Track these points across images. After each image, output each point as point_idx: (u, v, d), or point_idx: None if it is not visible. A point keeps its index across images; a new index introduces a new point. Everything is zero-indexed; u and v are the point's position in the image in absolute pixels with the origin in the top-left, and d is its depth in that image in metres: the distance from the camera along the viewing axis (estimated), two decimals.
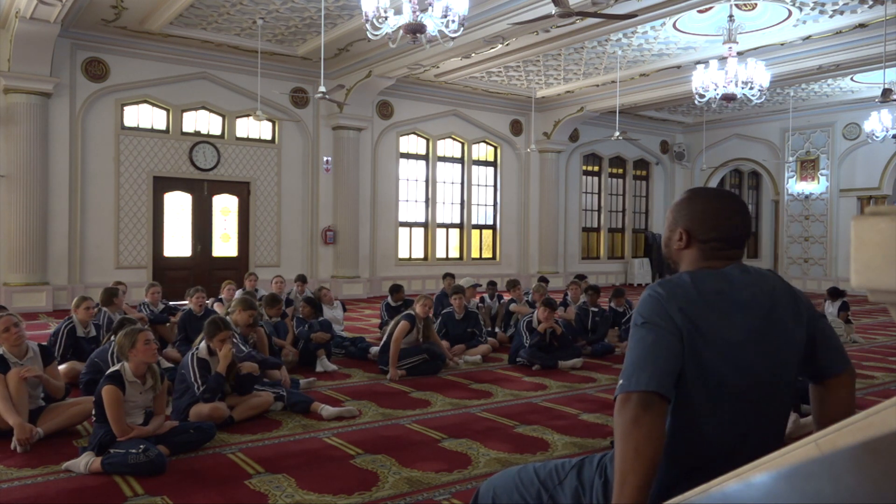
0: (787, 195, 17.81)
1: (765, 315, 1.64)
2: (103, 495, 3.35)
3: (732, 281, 1.66)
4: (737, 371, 1.60)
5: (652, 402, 1.50)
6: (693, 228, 1.73)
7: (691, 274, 1.67)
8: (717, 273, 1.68)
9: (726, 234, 1.72)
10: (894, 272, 0.90)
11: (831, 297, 9.10)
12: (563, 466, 1.87)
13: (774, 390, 1.66)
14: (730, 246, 1.73)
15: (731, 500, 0.71)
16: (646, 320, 1.59)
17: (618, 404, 1.53)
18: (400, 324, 6.46)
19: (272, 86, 12.93)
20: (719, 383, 1.59)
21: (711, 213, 1.73)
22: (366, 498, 3.31)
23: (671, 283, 1.64)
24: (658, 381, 1.51)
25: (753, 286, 1.67)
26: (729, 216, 1.74)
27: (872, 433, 1.08)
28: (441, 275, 11.49)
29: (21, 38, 9.96)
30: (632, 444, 1.46)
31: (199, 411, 4.38)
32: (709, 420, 1.61)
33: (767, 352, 1.63)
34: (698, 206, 1.76)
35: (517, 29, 9.54)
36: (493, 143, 16.70)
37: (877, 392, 5.87)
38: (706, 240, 1.71)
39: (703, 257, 1.72)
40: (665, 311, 1.58)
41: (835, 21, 10.28)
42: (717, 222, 1.72)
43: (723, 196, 1.80)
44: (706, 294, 1.62)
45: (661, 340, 1.56)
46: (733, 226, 1.73)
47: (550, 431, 4.51)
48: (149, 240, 12.19)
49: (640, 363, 1.54)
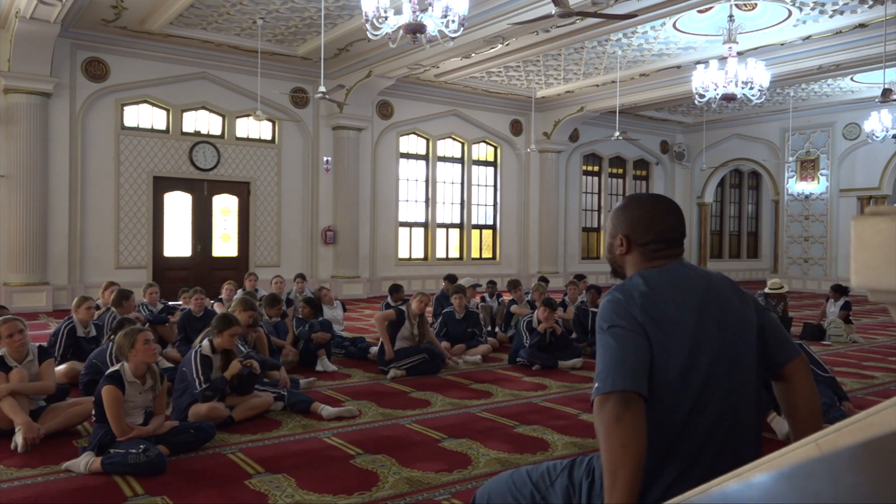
0: (787, 195, 17.81)
1: (714, 301, 1.73)
2: (103, 495, 3.35)
3: (679, 274, 1.77)
4: (701, 355, 1.65)
5: (630, 399, 1.53)
6: (631, 233, 1.83)
7: (640, 274, 1.76)
8: (662, 270, 1.78)
9: (662, 234, 1.81)
10: (894, 272, 0.90)
11: (835, 295, 9.06)
12: (555, 468, 1.91)
13: (740, 370, 1.71)
14: (668, 245, 1.82)
15: (731, 500, 0.71)
16: (611, 324, 1.66)
17: (596, 406, 1.57)
18: (385, 311, 6.55)
19: (272, 86, 12.93)
20: (686, 371, 1.64)
21: (646, 217, 1.83)
22: (366, 498, 3.31)
23: (626, 287, 1.73)
24: (633, 380, 1.56)
25: (698, 278, 1.77)
26: (662, 217, 1.83)
27: (872, 433, 1.08)
28: (441, 275, 11.50)
29: (21, 38, 9.96)
30: (617, 440, 1.49)
31: (197, 411, 4.38)
32: (681, 409, 1.65)
33: (726, 334, 1.70)
34: (634, 211, 1.86)
35: (517, 29, 9.54)
36: (493, 143, 16.70)
37: (877, 392, 5.87)
38: (645, 242, 1.81)
39: (644, 259, 1.82)
40: (627, 312, 1.65)
41: (835, 21, 10.28)
42: (653, 225, 1.81)
43: (656, 200, 1.90)
44: (658, 289, 1.70)
45: (629, 341, 1.62)
46: (668, 226, 1.83)
47: (550, 431, 4.51)
48: (149, 240, 12.19)
49: (612, 365, 1.59)
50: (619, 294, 1.70)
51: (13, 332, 4.24)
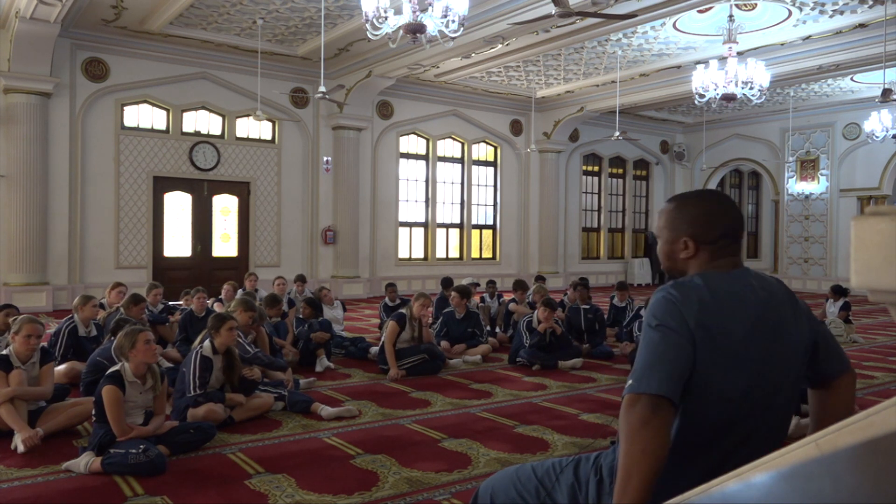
0: (787, 195, 17.81)
1: (772, 318, 1.65)
2: (103, 495, 3.35)
3: (743, 284, 1.67)
4: (745, 373, 1.60)
5: (661, 405, 1.49)
6: (698, 233, 1.72)
7: (703, 276, 1.66)
8: (727, 276, 1.68)
9: (729, 227, 1.72)
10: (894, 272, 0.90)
11: (834, 296, 9.09)
12: (561, 464, 1.88)
13: (780, 392, 1.67)
14: (734, 240, 1.73)
15: (731, 500, 0.71)
16: (660, 322, 1.58)
17: (625, 404, 1.52)
18: (389, 325, 6.50)
19: (272, 86, 12.93)
20: (727, 386, 1.59)
21: (709, 213, 1.74)
22: (366, 498, 3.31)
23: (685, 287, 1.63)
24: (668, 385, 1.51)
25: (761, 290, 1.68)
26: (725, 211, 1.75)
27: (872, 433, 1.08)
28: (441, 275, 11.50)
29: (21, 38, 9.96)
30: (639, 444, 1.46)
31: (194, 413, 4.37)
32: (714, 422, 1.61)
33: (775, 354, 1.64)
34: (694, 210, 1.76)
35: (517, 29, 9.54)
36: (493, 143, 16.70)
37: (877, 392, 5.87)
38: (712, 240, 1.71)
39: (711, 259, 1.71)
40: (680, 314, 1.57)
41: (835, 21, 10.28)
42: (718, 220, 1.72)
43: (712, 193, 1.82)
44: (719, 297, 1.61)
45: (674, 344, 1.55)
46: (733, 218, 1.75)
47: (550, 431, 4.51)
48: (149, 240, 12.19)
49: (651, 365, 1.53)
50: (677, 293, 1.61)
51: (32, 334, 4.24)
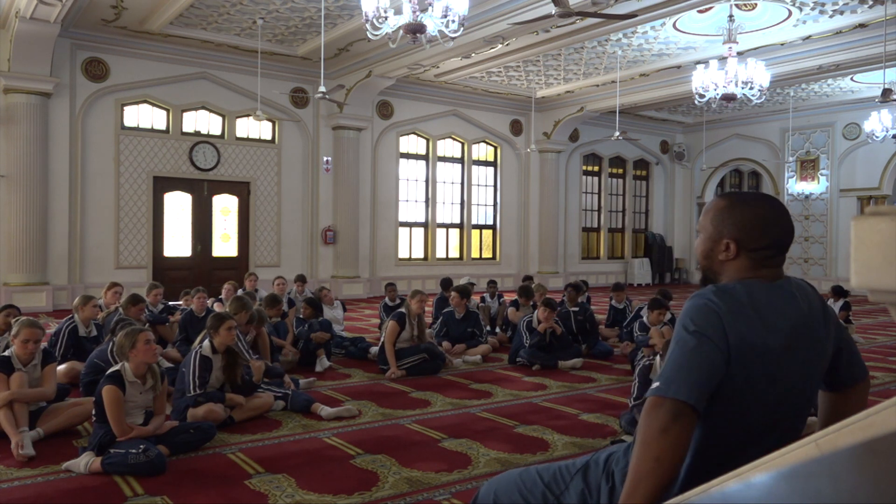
0: (787, 195, 17.80)
1: (809, 332, 1.62)
2: (103, 495, 3.35)
3: (786, 296, 1.61)
4: (778, 387, 1.58)
5: (683, 413, 1.45)
6: (742, 238, 1.63)
7: (745, 286, 1.59)
8: (770, 287, 1.61)
9: (778, 240, 1.64)
10: (894, 272, 0.90)
11: (834, 297, 9.13)
12: (569, 469, 1.83)
13: (802, 402, 1.66)
14: (780, 252, 1.66)
15: (731, 500, 0.70)
16: (697, 329, 1.52)
17: (648, 406, 1.49)
18: (389, 325, 6.49)
19: (272, 86, 12.93)
20: (758, 399, 1.57)
21: (760, 220, 1.64)
22: (366, 498, 3.31)
23: (728, 296, 1.56)
24: (696, 393, 1.47)
25: (802, 302, 1.63)
26: (777, 220, 1.66)
27: (872, 433, 1.08)
28: (441, 275, 11.51)
29: (21, 38, 9.96)
30: (654, 452, 1.43)
31: (194, 413, 4.37)
32: (736, 433, 1.60)
33: (805, 368, 1.62)
34: (745, 213, 1.66)
35: (517, 29, 9.54)
36: (493, 143, 16.70)
37: (877, 392, 5.87)
38: (758, 248, 1.63)
39: (752, 267, 1.63)
40: (721, 325, 1.51)
41: (835, 21, 10.28)
42: (768, 229, 1.63)
43: (768, 201, 1.70)
44: (761, 311, 1.56)
45: (709, 354, 1.50)
46: (784, 231, 1.66)
47: (550, 431, 4.51)
48: (149, 240, 12.19)
49: (681, 370, 1.49)
50: (719, 301, 1.54)
51: (29, 339, 4.23)
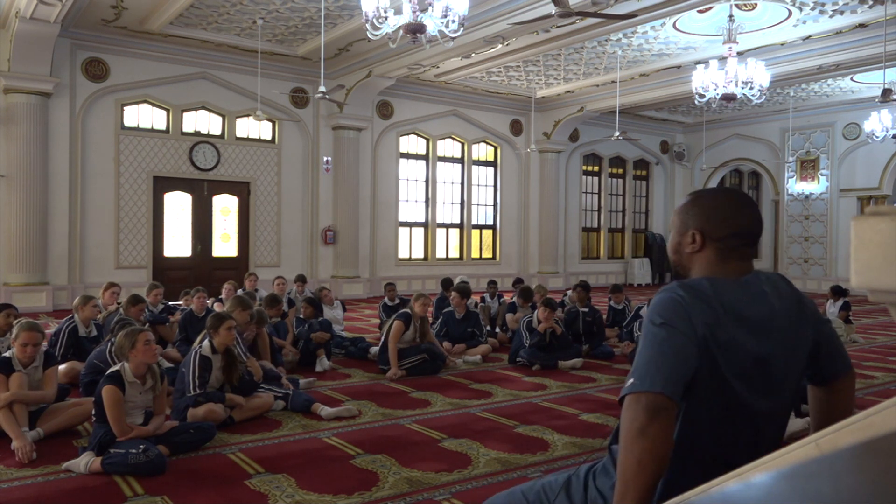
0: (787, 195, 17.81)
1: (780, 328, 1.60)
2: (103, 495, 3.35)
3: (752, 293, 1.60)
4: (750, 383, 1.57)
5: (661, 406, 1.42)
6: (706, 227, 1.64)
7: (711, 281, 1.58)
8: (736, 283, 1.60)
9: (742, 228, 1.64)
10: (894, 272, 0.90)
11: (834, 296, 9.14)
12: (552, 487, 1.82)
13: (780, 399, 1.65)
14: (745, 243, 1.65)
15: (731, 500, 0.70)
16: (665, 321, 1.51)
17: (625, 405, 1.46)
18: (394, 324, 6.48)
19: (272, 86, 12.93)
20: (730, 394, 1.56)
21: (724, 208, 1.66)
22: (366, 498, 3.31)
23: (693, 289, 1.55)
24: (671, 384, 1.44)
25: (771, 299, 1.62)
26: (742, 209, 1.66)
27: (872, 433, 1.08)
28: (441, 275, 11.52)
29: (21, 38, 9.96)
30: (635, 455, 1.40)
31: (194, 413, 4.37)
32: (712, 430, 1.58)
33: (779, 364, 1.60)
34: (708, 203, 1.68)
35: (517, 29, 9.54)
36: (493, 143, 16.70)
37: (877, 392, 5.87)
38: (722, 237, 1.63)
39: (719, 259, 1.64)
40: (688, 315, 1.50)
41: (835, 21, 10.28)
42: (731, 217, 1.64)
43: (731, 191, 1.73)
44: (726, 305, 1.55)
45: (680, 344, 1.48)
46: (748, 219, 1.66)
47: (550, 431, 4.51)
48: (149, 240, 12.19)
49: (653, 363, 1.47)
50: (684, 293, 1.53)
51: (28, 342, 4.21)
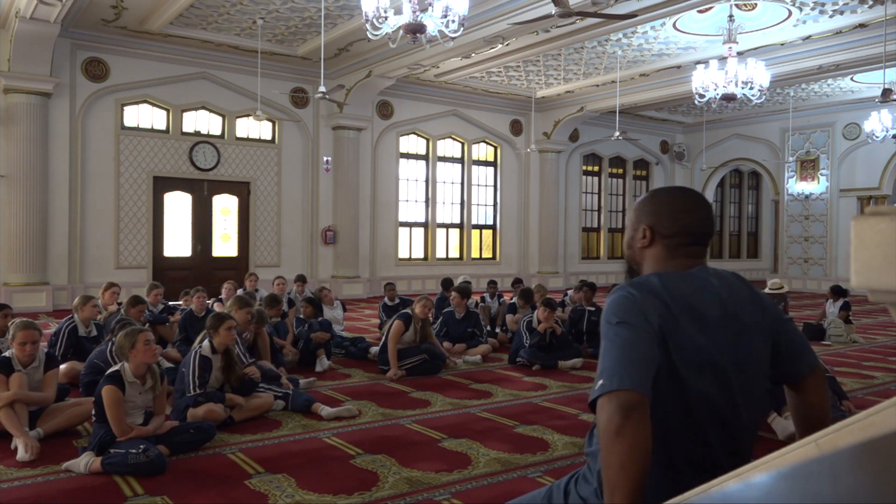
0: (787, 195, 17.81)
1: (734, 319, 1.61)
2: (103, 495, 3.35)
3: (700, 285, 1.62)
4: (708, 377, 1.57)
5: (634, 403, 1.41)
6: (656, 224, 1.69)
7: (660, 276, 1.62)
8: (684, 275, 1.63)
9: (690, 227, 1.68)
10: (894, 272, 0.90)
11: (834, 296, 9.11)
12: (534, 500, 1.85)
13: (747, 393, 1.63)
14: (694, 241, 1.69)
15: (731, 500, 0.71)
16: (621, 319, 1.52)
17: (599, 407, 1.44)
18: (394, 324, 6.48)
19: (272, 86, 12.93)
20: (690, 392, 1.56)
21: (674, 207, 1.71)
22: (366, 498, 3.31)
23: (643, 286, 1.59)
24: (638, 379, 1.44)
25: (720, 291, 1.63)
26: (692, 209, 1.71)
27: (872, 433, 1.08)
28: (441, 276, 11.52)
29: (21, 38, 9.96)
30: (616, 459, 1.39)
31: (194, 413, 4.37)
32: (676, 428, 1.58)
33: (735, 359, 1.60)
34: (662, 200, 1.73)
35: (517, 29, 9.54)
36: (493, 143, 16.70)
37: (877, 392, 5.87)
38: (671, 234, 1.68)
39: (667, 255, 1.68)
40: (642, 311, 1.53)
41: (835, 21, 10.28)
42: (681, 215, 1.69)
43: (684, 191, 1.78)
44: (676, 298, 1.57)
45: (640, 340, 1.49)
46: (697, 219, 1.70)
47: (550, 431, 4.51)
48: (149, 240, 12.19)
49: (618, 361, 1.46)
50: (635, 291, 1.56)
51: (26, 341, 4.23)
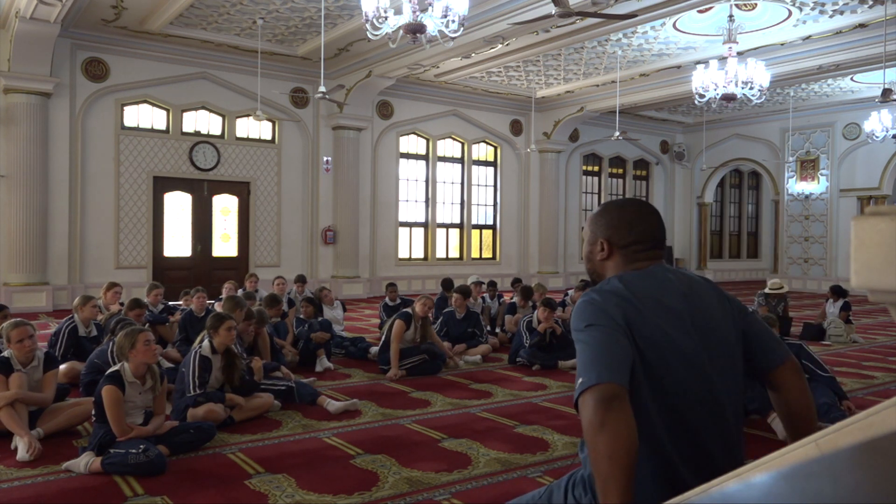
0: (787, 195, 17.81)
1: (697, 311, 1.66)
2: (103, 495, 3.35)
3: (660, 279, 1.70)
4: (681, 369, 1.59)
5: (614, 395, 1.45)
6: (612, 236, 1.79)
7: (620, 277, 1.70)
8: (643, 273, 1.72)
9: (644, 234, 1.78)
10: (894, 272, 0.90)
11: (834, 297, 9.10)
12: (534, 499, 1.87)
13: (722, 386, 1.65)
14: (650, 246, 1.78)
15: (731, 500, 0.70)
16: (590, 322, 1.59)
17: (581, 404, 1.48)
18: (396, 323, 6.48)
19: (272, 86, 12.93)
20: (668, 385, 1.58)
21: (626, 218, 1.80)
22: (366, 498, 3.31)
23: (604, 290, 1.67)
24: (616, 372, 1.48)
25: (679, 285, 1.70)
26: (643, 217, 1.80)
27: (872, 433, 1.08)
28: (442, 276, 11.52)
29: (21, 38, 9.96)
30: (603, 452, 1.42)
31: (194, 413, 4.38)
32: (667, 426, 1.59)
33: (706, 345, 1.64)
34: (612, 214, 1.83)
35: (517, 29, 9.54)
36: (493, 143, 16.70)
37: (877, 392, 5.87)
38: (626, 244, 1.77)
39: (626, 262, 1.77)
40: (606, 313, 1.59)
41: (835, 21, 10.28)
42: (633, 225, 1.78)
43: (633, 202, 1.89)
44: (638, 294, 1.64)
45: (611, 336, 1.55)
46: (649, 226, 1.79)
47: (550, 431, 4.51)
48: (149, 240, 12.19)
49: (594, 360, 1.51)
50: (596, 295, 1.64)
51: (23, 337, 4.23)
